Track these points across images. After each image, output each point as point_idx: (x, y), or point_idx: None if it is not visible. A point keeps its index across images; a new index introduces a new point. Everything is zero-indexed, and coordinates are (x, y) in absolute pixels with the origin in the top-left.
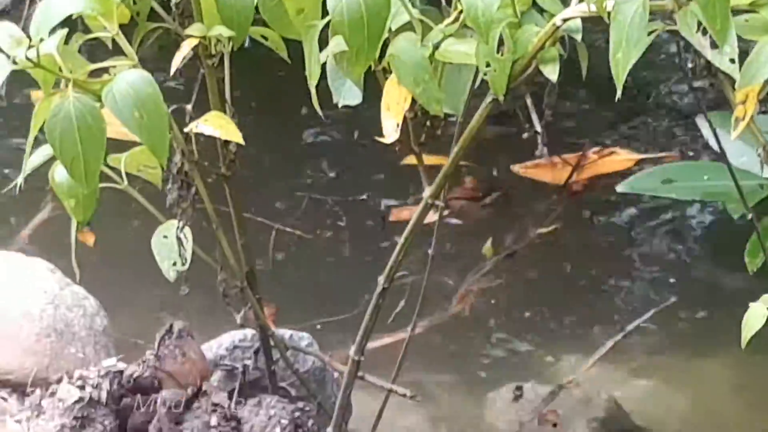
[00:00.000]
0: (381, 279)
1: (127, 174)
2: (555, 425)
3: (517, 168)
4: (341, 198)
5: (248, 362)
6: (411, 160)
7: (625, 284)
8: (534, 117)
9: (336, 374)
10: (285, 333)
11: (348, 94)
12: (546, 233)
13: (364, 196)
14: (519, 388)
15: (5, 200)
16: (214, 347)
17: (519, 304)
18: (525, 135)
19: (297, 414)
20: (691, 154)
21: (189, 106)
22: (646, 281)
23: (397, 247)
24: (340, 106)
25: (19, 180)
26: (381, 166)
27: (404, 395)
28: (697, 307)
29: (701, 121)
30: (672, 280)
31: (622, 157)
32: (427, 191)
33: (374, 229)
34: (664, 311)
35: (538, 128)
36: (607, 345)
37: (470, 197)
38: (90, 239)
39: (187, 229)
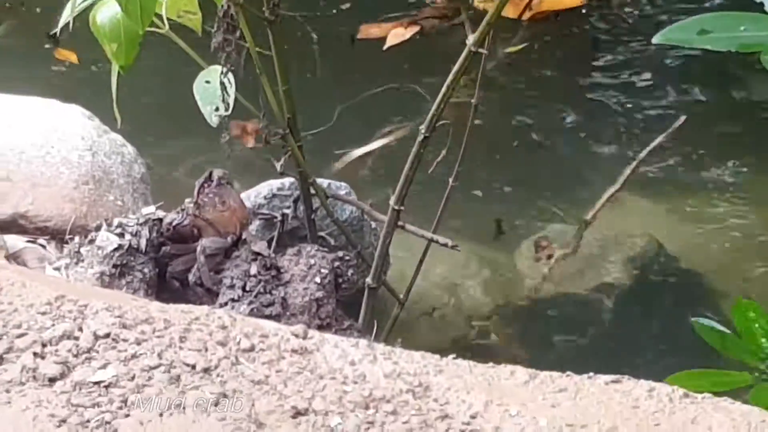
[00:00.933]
0: (422, 128)
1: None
2: (550, 257)
3: (476, 1)
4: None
5: (287, 211)
6: None
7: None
8: None
9: (374, 224)
10: (323, 182)
11: None
12: (515, 52)
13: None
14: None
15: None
16: (252, 196)
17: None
18: None
19: (337, 263)
20: None
21: None
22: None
23: (439, 96)
24: None
25: (66, 20)
26: None
27: (445, 245)
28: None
29: None
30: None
31: None
32: (471, 39)
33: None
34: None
35: None
36: (625, 173)
37: (440, 16)
38: (72, 57)
39: (230, 74)
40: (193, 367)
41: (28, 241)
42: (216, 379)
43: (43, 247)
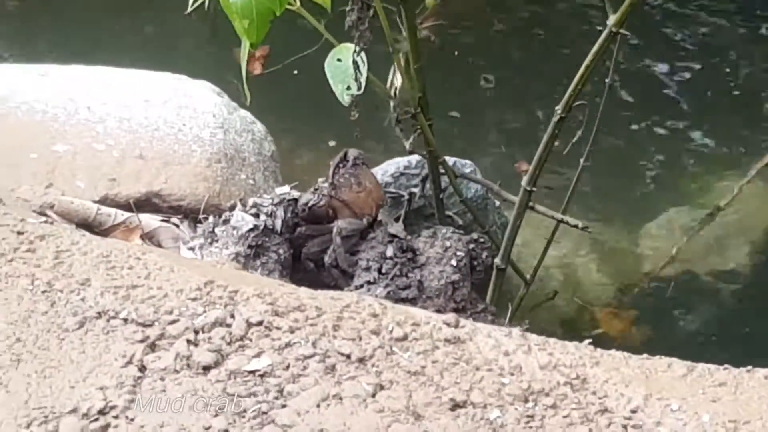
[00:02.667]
0: (558, 108)
1: None
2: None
3: None
4: None
5: (414, 190)
6: None
7: None
8: None
9: (497, 202)
10: (449, 160)
11: None
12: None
13: None
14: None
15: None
16: (379, 174)
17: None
18: None
19: (471, 246)
20: None
21: None
22: None
23: (577, 77)
24: None
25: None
26: None
27: (576, 226)
28: None
29: None
30: None
31: None
32: (612, 19)
33: None
34: None
35: None
36: (764, 159)
37: None
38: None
39: (362, 53)
40: (348, 356)
41: (162, 220)
42: (371, 369)
43: (177, 226)
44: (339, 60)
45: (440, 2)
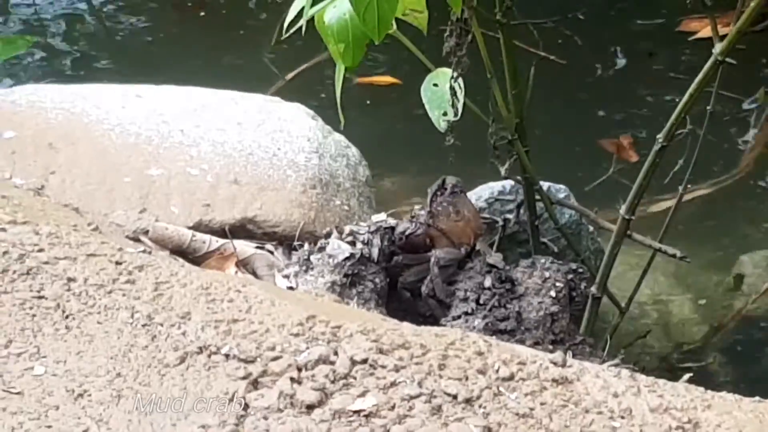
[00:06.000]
0: (659, 137)
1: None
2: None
3: None
4: None
5: (509, 216)
6: None
7: None
8: None
9: (591, 228)
10: (543, 184)
11: None
12: None
13: None
14: None
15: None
16: (473, 199)
17: None
18: None
19: (570, 276)
20: None
21: None
22: None
23: (680, 105)
24: None
25: (302, 22)
26: None
27: (674, 255)
28: None
29: None
30: None
31: None
32: (718, 48)
33: None
34: None
35: None
36: None
37: None
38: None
39: (460, 79)
40: (455, 397)
41: (257, 247)
42: (479, 410)
43: (271, 252)
44: (435, 85)
45: None
